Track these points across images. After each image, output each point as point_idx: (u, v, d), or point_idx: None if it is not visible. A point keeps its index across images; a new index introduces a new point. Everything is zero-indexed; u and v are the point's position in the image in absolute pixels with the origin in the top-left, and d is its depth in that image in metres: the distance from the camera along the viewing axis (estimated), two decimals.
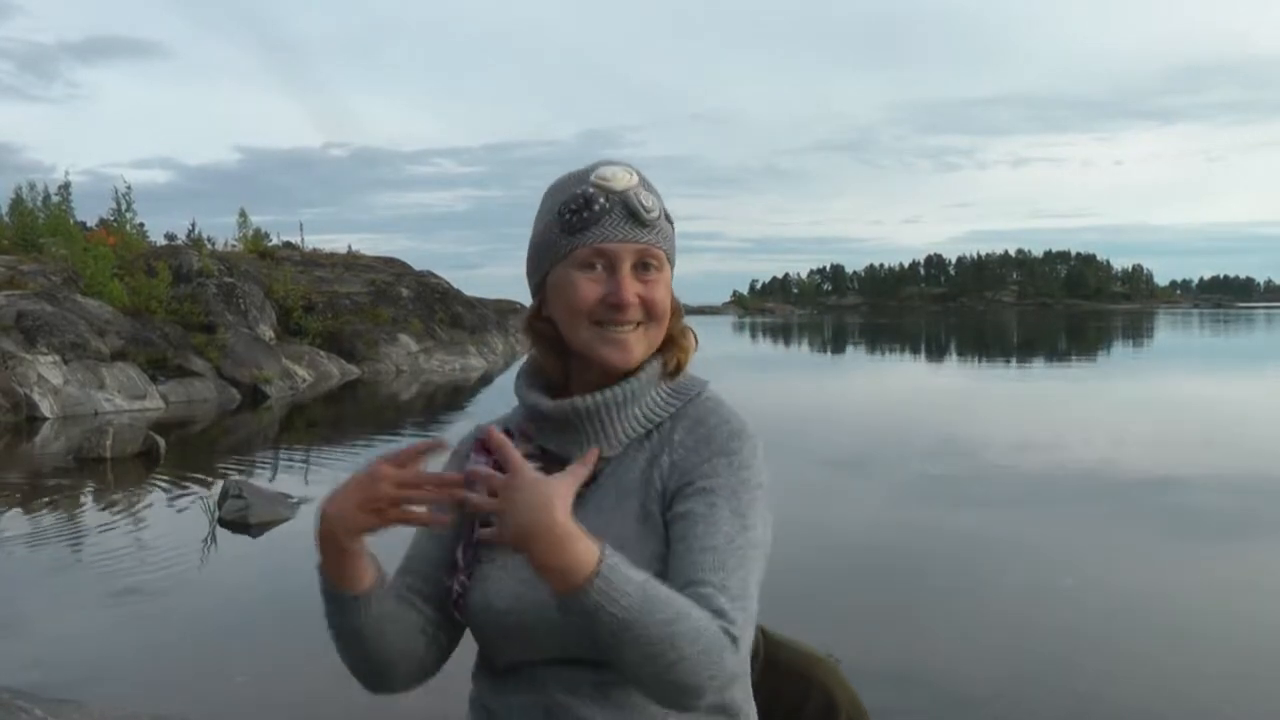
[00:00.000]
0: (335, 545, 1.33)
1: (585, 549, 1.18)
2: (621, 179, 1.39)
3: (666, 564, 1.32)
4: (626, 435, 1.41)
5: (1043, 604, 6.18)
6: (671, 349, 1.46)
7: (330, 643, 1.42)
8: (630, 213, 1.37)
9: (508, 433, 1.43)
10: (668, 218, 1.44)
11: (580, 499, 1.31)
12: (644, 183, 1.42)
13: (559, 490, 1.22)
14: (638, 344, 1.40)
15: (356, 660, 1.42)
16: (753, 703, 1.47)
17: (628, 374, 1.42)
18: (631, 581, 1.19)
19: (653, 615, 1.18)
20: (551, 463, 1.38)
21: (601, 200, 1.37)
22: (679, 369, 1.47)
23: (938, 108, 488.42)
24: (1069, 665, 5.05)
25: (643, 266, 1.39)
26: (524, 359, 1.54)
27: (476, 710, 1.45)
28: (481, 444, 1.43)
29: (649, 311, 1.39)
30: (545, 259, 1.42)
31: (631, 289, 1.37)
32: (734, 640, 1.23)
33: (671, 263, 1.44)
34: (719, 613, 1.23)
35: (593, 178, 1.40)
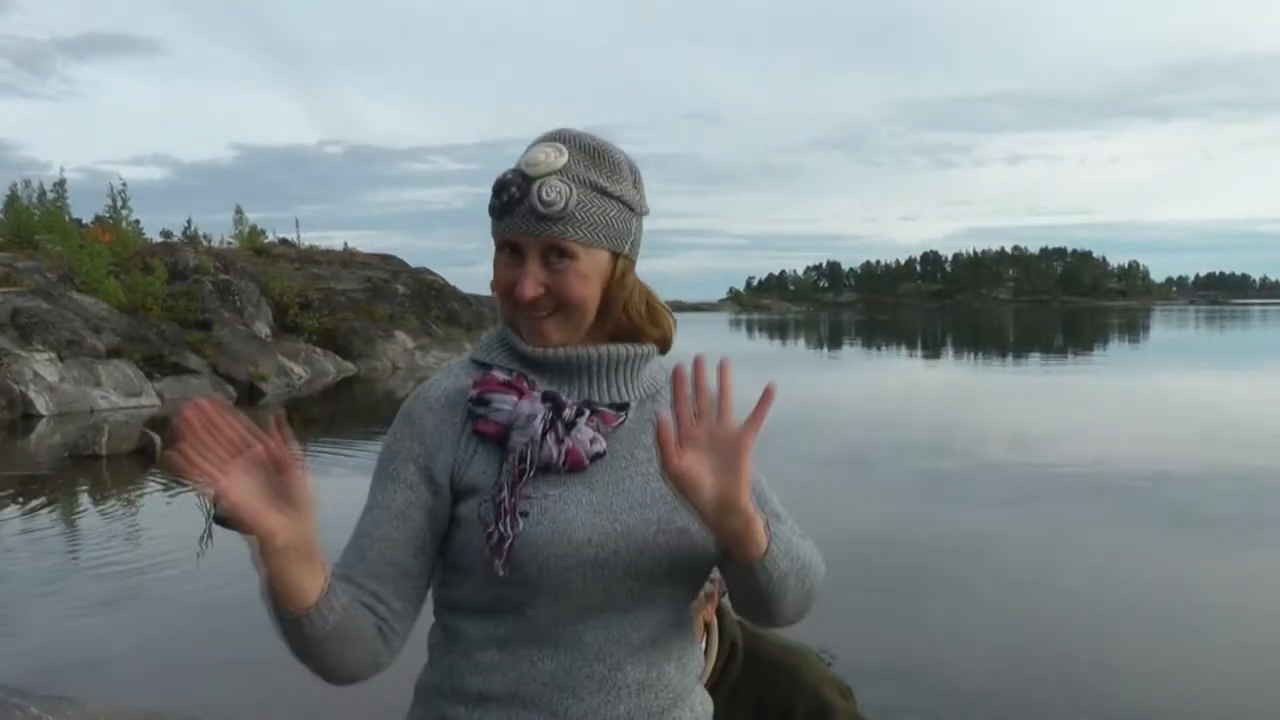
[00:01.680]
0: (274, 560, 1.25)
1: (758, 523, 1.30)
2: (542, 163, 1.36)
3: None
4: (642, 390, 1.44)
5: (1041, 600, 6.18)
6: (646, 338, 1.45)
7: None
8: (532, 208, 1.34)
9: (497, 379, 1.40)
10: (611, 194, 1.38)
11: (612, 439, 1.38)
12: (576, 162, 1.37)
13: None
14: (554, 331, 1.39)
15: (315, 666, 1.37)
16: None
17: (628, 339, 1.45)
18: (785, 539, 1.36)
19: (801, 558, 1.37)
20: (558, 407, 1.37)
21: (513, 189, 1.35)
22: (665, 348, 1.49)
23: (934, 105, 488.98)
24: (1068, 662, 5.06)
25: (556, 255, 1.36)
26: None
27: (481, 676, 1.37)
28: (499, 384, 1.39)
29: (558, 300, 1.37)
30: (492, 234, 1.44)
31: (534, 283, 1.35)
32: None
33: (613, 245, 1.39)
34: (783, 523, 1.43)
35: (522, 160, 1.38)
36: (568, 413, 1.36)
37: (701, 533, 1.33)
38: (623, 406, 1.40)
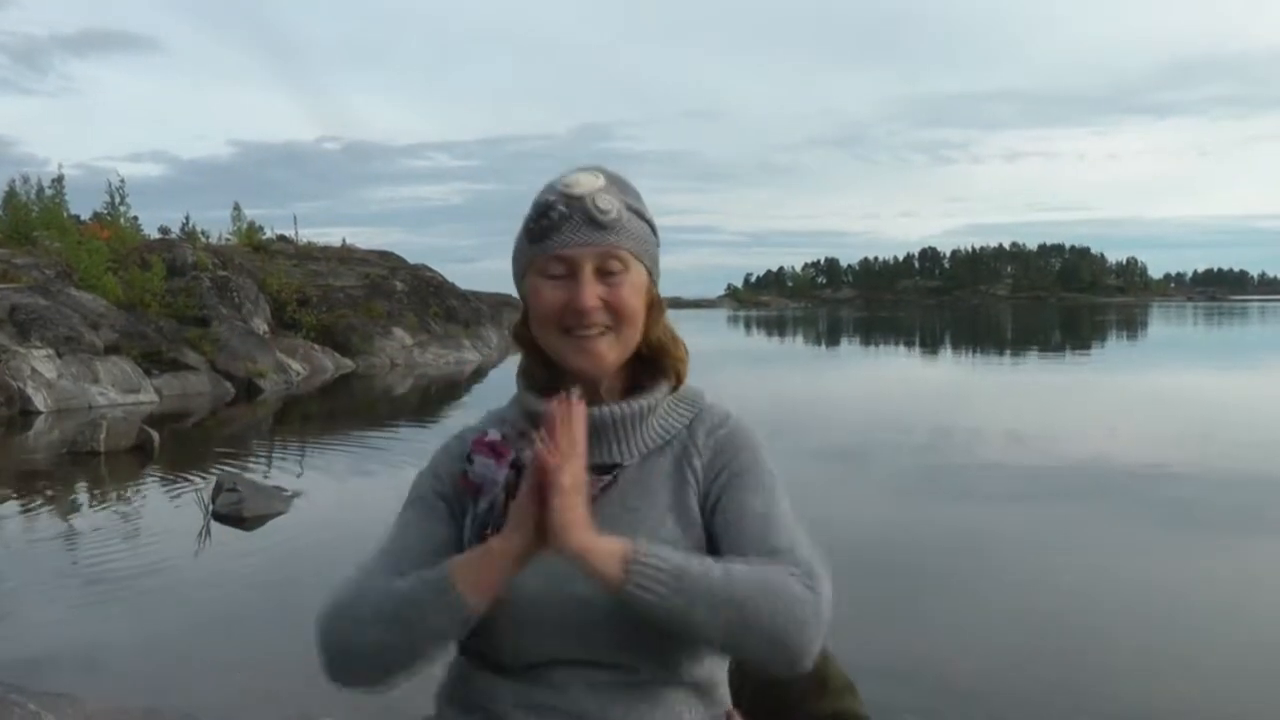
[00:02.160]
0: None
1: (610, 548, 1.25)
2: (583, 184, 1.38)
3: (700, 547, 1.37)
4: (645, 445, 1.43)
5: (1041, 597, 6.18)
6: (667, 361, 1.46)
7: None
8: (588, 217, 1.36)
9: (505, 437, 1.43)
10: (644, 218, 1.43)
11: (599, 501, 1.35)
12: (612, 185, 1.41)
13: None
14: (609, 350, 1.39)
15: (391, 652, 1.37)
16: (726, 684, 1.47)
17: (641, 388, 1.44)
18: (668, 559, 1.25)
19: (708, 580, 1.24)
20: (521, 473, 1.37)
21: (560, 207, 1.37)
22: (679, 381, 1.47)
23: (932, 102, 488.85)
24: (1068, 660, 5.06)
25: (606, 270, 1.37)
26: (520, 358, 1.54)
27: (468, 712, 1.41)
28: (485, 445, 1.42)
29: (615, 314, 1.38)
30: (518, 269, 1.43)
31: (593, 293, 1.36)
32: (807, 576, 1.29)
33: (648, 264, 1.42)
34: (777, 558, 1.30)
35: (558, 185, 1.39)
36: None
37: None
38: (612, 468, 1.40)
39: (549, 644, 1.35)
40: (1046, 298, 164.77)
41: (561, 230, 1.36)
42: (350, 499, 9.24)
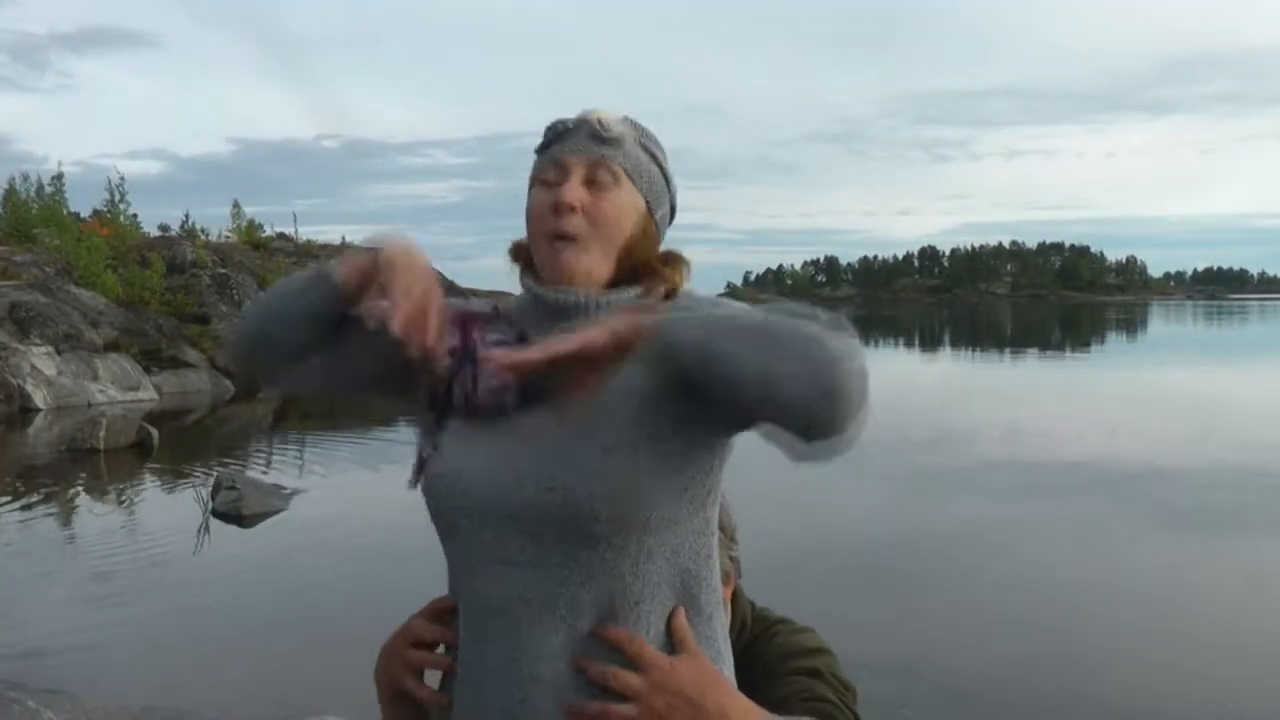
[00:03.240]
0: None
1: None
2: (600, 110, 1.43)
3: (671, 456, 1.30)
4: None
5: (1040, 595, 6.19)
6: (654, 278, 1.43)
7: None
8: (590, 130, 1.41)
9: (495, 311, 1.45)
10: (654, 158, 1.45)
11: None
12: (630, 123, 1.45)
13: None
14: (577, 261, 1.38)
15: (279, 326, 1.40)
16: (721, 614, 1.42)
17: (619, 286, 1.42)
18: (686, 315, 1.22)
19: (720, 320, 1.20)
20: (467, 346, 1.38)
21: (569, 123, 1.43)
22: (670, 296, 1.43)
23: (930, 99, 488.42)
24: (1067, 658, 5.06)
25: (595, 180, 1.39)
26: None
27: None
28: (459, 316, 1.41)
29: (592, 220, 1.38)
30: (529, 189, 1.46)
31: (575, 194, 1.37)
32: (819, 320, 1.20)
33: (645, 193, 1.43)
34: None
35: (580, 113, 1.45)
36: (485, 351, 1.35)
37: (590, 505, 1.26)
38: None
39: (489, 533, 1.32)
40: (1046, 296, 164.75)
41: (563, 140, 1.41)
42: (349, 497, 9.24)
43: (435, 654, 1.42)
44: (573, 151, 1.40)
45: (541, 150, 1.44)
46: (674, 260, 1.46)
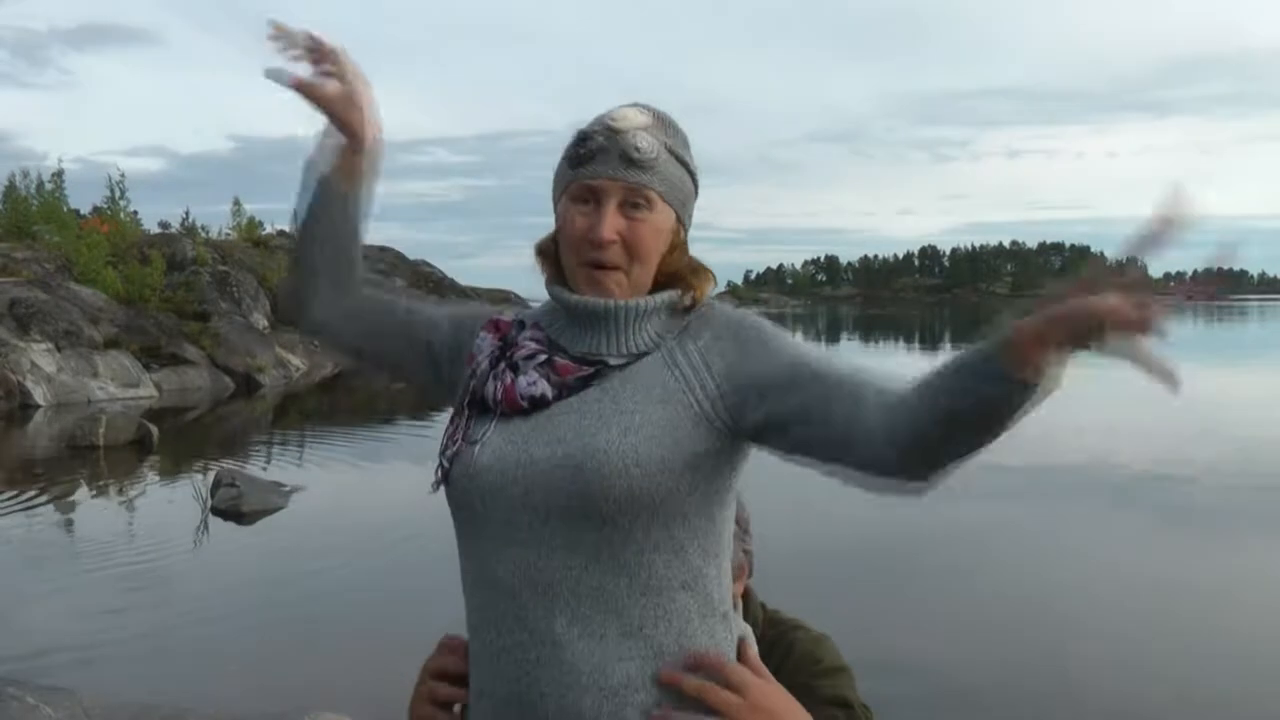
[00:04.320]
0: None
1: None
2: (628, 120, 1.41)
3: (686, 452, 1.32)
4: (636, 347, 1.41)
5: (1038, 595, 6.19)
6: (680, 284, 1.44)
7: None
8: (624, 153, 1.39)
9: (521, 322, 1.47)
10: (683, 162, 1.45)
11: (584, 395, 1.36)
12: (657, 125, 1.44)
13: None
14: (615, 286, 1.40)
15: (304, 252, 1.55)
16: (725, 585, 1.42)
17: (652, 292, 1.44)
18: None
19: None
20: (555, 353, 1.40)
21: (600, 139, 1.40)
22: (694, 304, 1.45)
23: (931, 99, 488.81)
24: (1065, 657, 5.06)
25: (631, 205, 1.39)
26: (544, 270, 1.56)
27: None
28: (492, 323, 1.47)
29: (630, 250, 1.39)
30: (555, 191, 1.47)
31: (613, 226, 1.38)
32: None
33: (677, 209, 1.44)
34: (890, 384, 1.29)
35: (605, 118, 1.43)
36: (519, 354, 1.40)
37: (599, 479, 1.28)
38: (596, 362, 1.39)
39: (501, 514, 1.36)
40: (1046, 296, 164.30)
41: (596, 161, 1.39)
42: (349, 494, 9.24)
43: (455, 688, 1.46)
44: (607, 177, 1.39)
45: (574, 164, 1.42)
46: (700, 271, 1.47)
